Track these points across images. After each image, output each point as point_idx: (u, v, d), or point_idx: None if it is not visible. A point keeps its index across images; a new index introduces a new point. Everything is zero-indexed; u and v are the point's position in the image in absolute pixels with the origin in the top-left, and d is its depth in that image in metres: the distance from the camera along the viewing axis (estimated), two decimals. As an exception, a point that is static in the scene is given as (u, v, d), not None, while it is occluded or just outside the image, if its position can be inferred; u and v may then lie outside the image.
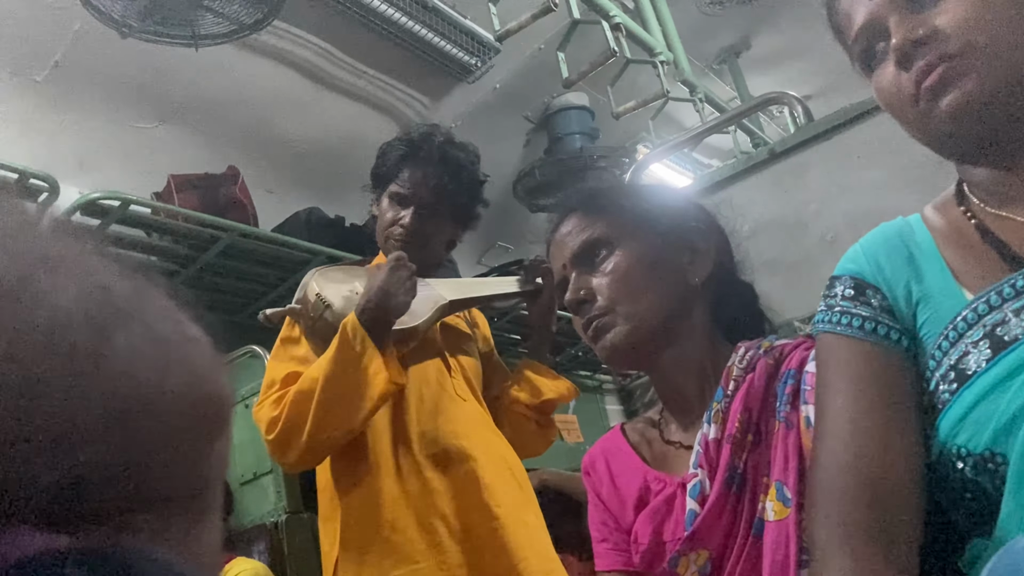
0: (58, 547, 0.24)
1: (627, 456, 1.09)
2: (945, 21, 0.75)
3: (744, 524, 0.91)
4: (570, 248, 1.10)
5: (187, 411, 0.28)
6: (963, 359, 0.74)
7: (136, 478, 0.27)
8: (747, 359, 0.99)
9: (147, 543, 0.26)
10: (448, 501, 1.50)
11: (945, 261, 0.81)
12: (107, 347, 0.25)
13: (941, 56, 0.75)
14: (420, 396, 1.57)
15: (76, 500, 0.25)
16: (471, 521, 1.50)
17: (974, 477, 0.72)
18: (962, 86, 0.74)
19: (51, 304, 0.24)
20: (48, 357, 0.23)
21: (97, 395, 0.25)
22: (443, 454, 1.53)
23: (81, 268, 0.26)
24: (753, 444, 0.94)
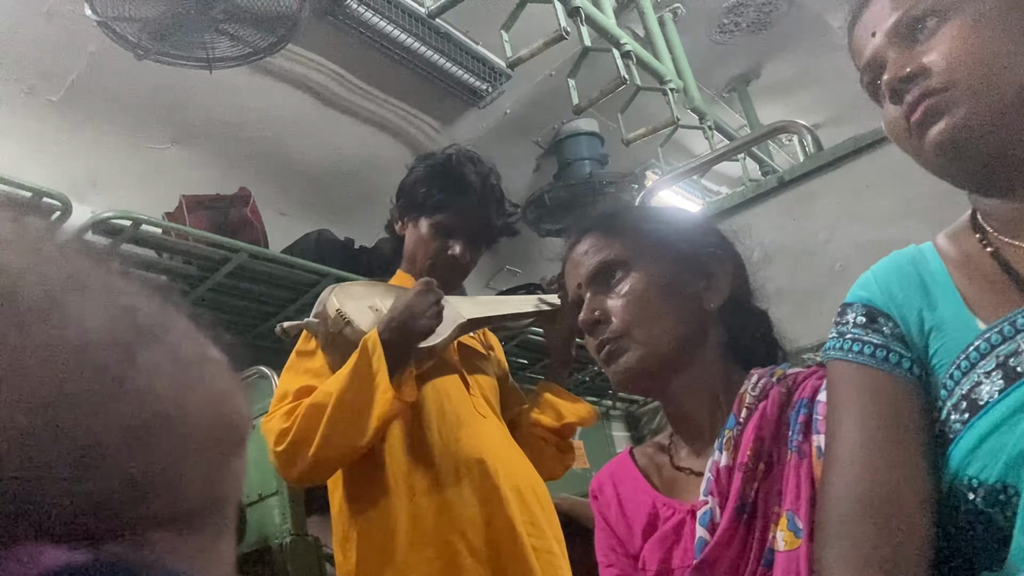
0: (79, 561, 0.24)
1: (636, 481, 1.08)
2: (932, 57, 0.77)
3: (754, 554, 0.91)
4: (586, 268, 1.10)
5: (206, 430, 0.29)
6: (975, 389, 0.74)
7: (156, 495, 0.27)
8: (760, 387, 0.98)
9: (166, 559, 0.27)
10: (468, 517, 1.48)
11: (958, 290, 0.81)
12: (132, 367, 0.26)
13: (925, 92, 0.77)
14: (442, 410, 1.56)
15: (97, 516, 0.25)
16: (493, 537, 1.47)
17: (985, 508, 0.71)
18: (946, 121, 0.76)
19: (79, 324, 0.24)
20: (76, 376, 0.24)
21: (121, 414, 0.25)
22: (465, 468, 1.51)
23: (108, 289, 0.27)
24: (765, 473, 0.93)
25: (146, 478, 0.26)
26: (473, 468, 1.51)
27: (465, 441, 1.53)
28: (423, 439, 1.53)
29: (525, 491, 1.55)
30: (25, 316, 0.23)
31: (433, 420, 1.54)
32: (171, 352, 0.28)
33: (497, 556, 1.46)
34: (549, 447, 1.70)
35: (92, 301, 0.25)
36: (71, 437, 0.24)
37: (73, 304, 0.25)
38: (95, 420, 0.24)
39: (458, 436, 1.54)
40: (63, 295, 0.24)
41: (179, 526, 0.28)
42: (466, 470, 1.51)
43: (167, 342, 0.28)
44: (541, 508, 1.57)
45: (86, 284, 0.26)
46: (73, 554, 0.24)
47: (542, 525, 1.53)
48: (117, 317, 0.26)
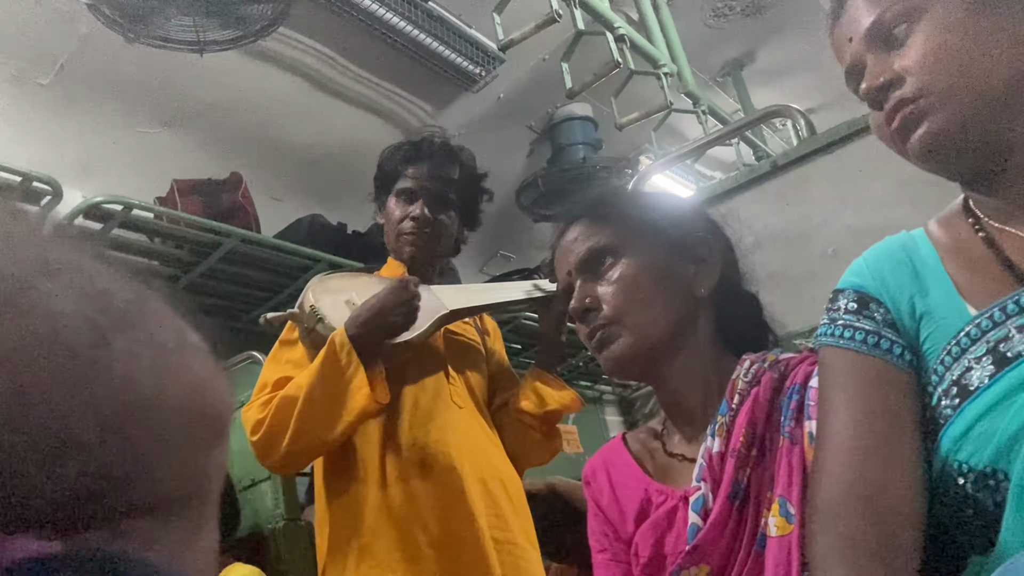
0: (51, 552, 0.23)
1: (628, 467, 1.08)
2: (905, 64, 0.78)
3: (746, 539, 0.91)
4: (576, 255, 1.09)
5: (185, 419, 0.28)
6: (966, 375, 0.74)
7: (133, 484, 0.26)
8: (752, 372, 0.98)
9: (142, 549, 0.26)
10: (430, 509, 1.49)
11: (949, 276, 0.81)
12: (106, 353, 0.25)
13: (899, 101, 0.78)
14: (415, 403, 1.57)
15: (71, 506, 0.25)
16: (451, 529, 1.48)
17: (975, 493, 0.72)
18: (924, 128, 0.77)
19: (50, 310, 0.24)
20: (47, 363, 0.23)
21: (96, 402, 0.25)
22: (430, 461, 1.52)
23: (81, 274, 0.26)
24: (757, 459, 0.93)
25: (122, 467, 0.26)
26: (438, 460, 1.52)
27: (434, 434, 1.54)
28: (393, 430, 1.54)
29: (491, 483, 1.56)
30: None
31: (405, 412, 1.55)
32: (148, 337, 0.27)
33: (456, 547, 1.47)
34: (534, 433, 1.69)
35: (64, 285, 0.25)
36: (43, 425, 0.23)
37: (44, 288, 0.24)
38: (68, 407, 0.24)
39: (427, 429, 1.54)
40: (33, 278, 0.24)
41: (158, 516, 0.28)
42: (431, 462, 1.52)
43: (144, 327, 0.27)
44: (509, 500, 1.57)
45: (58, 267, 0.25)
46: (44, 545, 0.23)
47: (507, 517, 1.54)
48: (91, 301, 0.25)
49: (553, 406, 1.68)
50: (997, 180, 0.79)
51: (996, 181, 0.80)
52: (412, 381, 1.58)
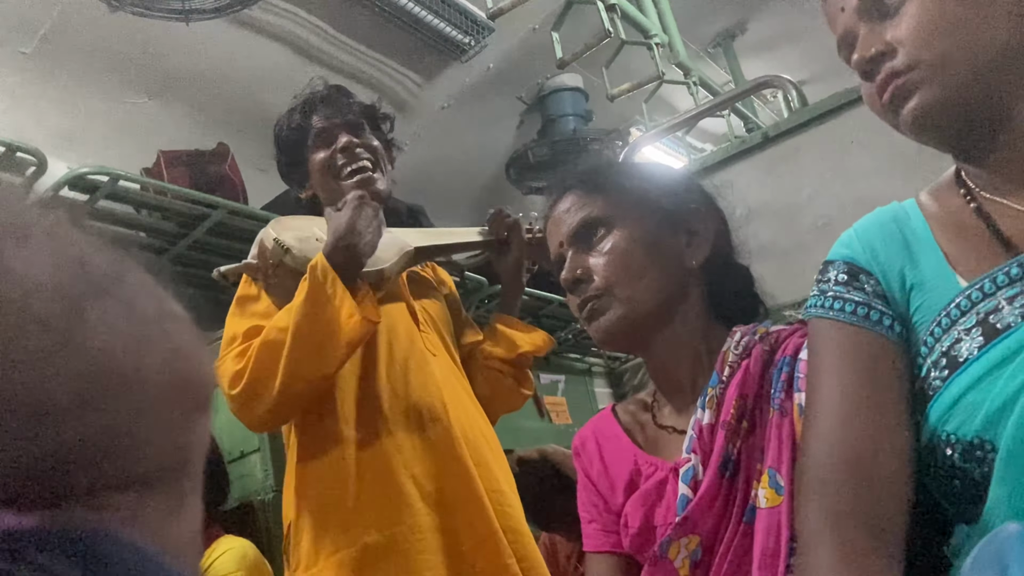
0: (24, 527, 0.23)
1: (618, 438, 1.08)
2: (897, 35, 0.77)
3: (736, 511, 0.91)
4: (568, 226, 1.09)
5: (165, 390, 0.27)
6: (955, 346, 0.74)
7: (111, 457, 0.26)
8: (743, 345, 0.98)
9: (122, 524, 0.26)
10: (420, 462, 1.43)
11: (940, 247, 0.81)
12: (81, 322, 0.24)
13: (892, 72, 0.77)
14: (390, 351, 1.51)
15: (48, 479, 0.24)
16: (445, 482, 1.44)
17: (962, 464, 0.72)
18: (916, 99, 0.76)
19: (21, 276, 0.23)
20: (18, 332, 0.23)
21: (70, 371, 0.24)
22: (415, 412, 1.46)
23: (54, 240, 0.25)
24: (747, 431, 0.94)
25: (100, 439, 0.25)
26: (424, 414, 1.47)
27: (415, 385, 1.49)
28: (372, 384, 1.48)
29: (472, 433, 1.51)
30: None
31: (381, 363, 1.49)
32: (125, 306, 0.26)
33: (451, 499, 1.43)
34: (506, 378, 1.67)
35: (35, 252, 0.24)
36: (15, 396, 0.22)
37: (15, 256, 0.23)
38: (41, 378, 0.23)
39: (407, 380, 1.49)
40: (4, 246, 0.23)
41: (139, 489, 0.27)
42: (416, 416, 1.46)
43: (120, 296, 0.26)
44: (490, 450, 1.54)
45: (31, 235, 0.24)
46: (20, 518, 0.23)
47: (491, 467, 1.50)
48: (64, 269, 0.25)
49: (524, 348, 1.66)
50: (989, 152, 0.79)
51: (988, 153, 0.79)
52: (383, 328, 1.52)
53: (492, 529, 1.42)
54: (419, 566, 1.37)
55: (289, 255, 1.41)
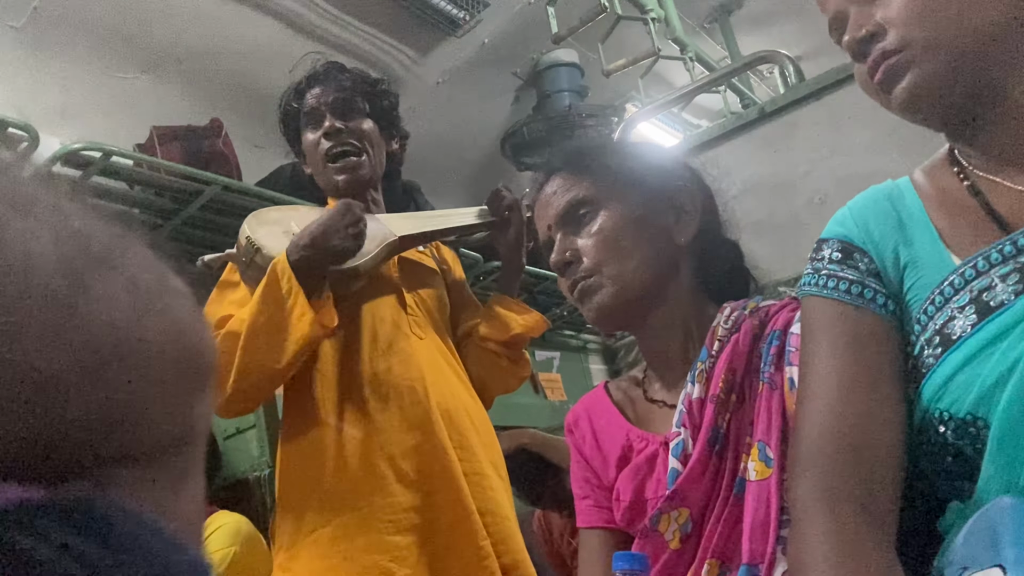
0: (33, 499, 0.23)
1: (610, 414, 1.09)
2: (888, 15, 0.77)
3: (726, 483, 0.92)
4: (555, 208, 1.09)
5: (168, 363, 0.27)
6: (948, 324, 0.75)
7: (114, 431, 0.26)
8: (732, 319, 0.99)
9: (127, 498, 0.26)
10: (396, 442, 1.43)
11: (934, 225, 0.81)
12: (83, 295, 0.24)
13: (883, 52, 0.77)
14: (374, 335, 1.51)
15: (52, 453, 0.24)
16: (422, 462, 1.44)
17: (955, 441, 0.73)
18: (907, 80, 0.76)
19: (23, 250, 0.23)
20: (21, 305, 0.23)
21: (73, 345, 0.24)
22: (394, 394, 1.47)
23: (56, 213, 0.25)
24: (736, 404, 0.94)
25: (104, 414, 0.25)
26: (403, 393, 1.47)
27: (396, 367, 1.49)
28: (353, 367, 1.49)
29: (456, 414, 1.51)
30: None
31: (364, 347, 1.50)
32: (128, 281, 0.26)
33: (427, 480, 1.43)
34: (501, 360, 1.66)
35: (38, 225, 0.24)
36: (19, 371, 0.23)
37: (17, 228, 0.23)
38: (45, 352, 0.23)
39: (389, 363, 1.49)
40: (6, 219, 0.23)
41: (143, 464, 0.27)
42: (395, 396, 1.47)
43: (123, 270, 0.26)
44: (475, 431, 1.53)
45: (32, 208, 0.24)
46: (26, 491, 0.23)
47: (473, 448, 1.50)
48: (67, 242, 0.25)
49: (517, 330, 1.65)
50: (981, 130, 0.79)
51: (980, 131, 0.79)
52: (368, 313, 1.53)
53: (468, 511, 1.43)
54: (392, 544, 1.38)
55: (259, 255, 1.42)
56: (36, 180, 0.26)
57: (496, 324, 1.66)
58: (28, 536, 0.21)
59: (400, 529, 1.40)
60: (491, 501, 1.48)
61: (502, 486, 1.54)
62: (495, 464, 1.55)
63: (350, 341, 1.50)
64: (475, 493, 1.45)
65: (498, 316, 1.67)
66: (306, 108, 1.65)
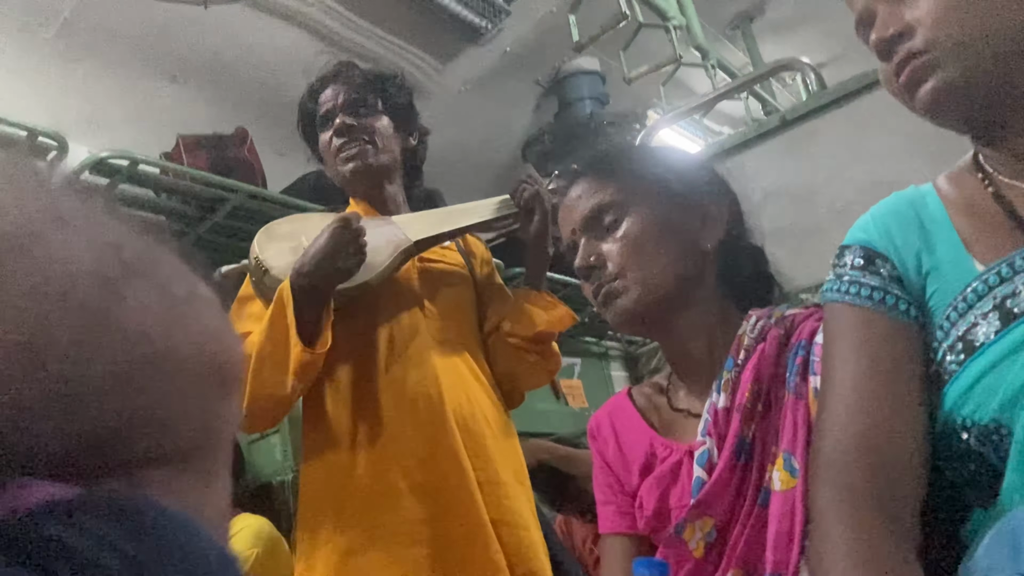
0: (69, 496, 0.24)
1: (634, 420, 1.09)
2: (917, 15, 0.76)
3: (751, 493, 0.92)
4: (579, 213, 1.09)
5: (197, 369, 0.28)
6: (971, 330, 0.74)
7: (145, 434, 0.27)
8: (758, 328, 0.98)
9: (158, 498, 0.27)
10: (410, 452, 1.42)
11: (957, 232, 0.81)
12: (118, 304, 0.25)
13: (909, 53, 0.77)
14: (390, 344, 1.49)
15: (87, 454, 0.25)
16: (436, 471, 1.41)
17: (978, 448, 0.72)
18: (932, 81, 0.76)
19: (62, 260, 0.24)
20: (60, 313, 0.24)
21: (108, 352, 0.25)
22: (409, 402, 1.45)
23: (92, 226, 0.26)
24: (762, 414, 0.94)
25: (136, 417, 0.26)
26: (418, 401, 1.45)
27: (412, 374, 1.47)
28: (370, 376, 1.47)
29: (473, 420, 1.49)
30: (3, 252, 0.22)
31: (381, 354, 1.48)
32: (159, 289, 0.27)
33: (441, 491, 1.41)
34: (529, 355, 1.61)
35: (76, 236, 0.25)
36: (56, 374, 0.23)
37: (56, 239, 0.24)
38: (81, 358, 0.24)
39: (405, 369, 1.47)
40: (45, 230, 0.24)
41: (172, 465, 0.28)
42: (411, 405, 1.45)
43: (155, 279, 0.27)
44: (493, 437, 1.50)
45: (69, 220, 0.25)
46: (63, 489, 0.24)
47: (490, 455, 1.47)
48: (102, 253, 0.26)
49: (542, 327, 1.60)
50: (1006, 135, 0.79)
51: (1005, 136, 0.79)
52: (386, 319, 1.51)
53: (481, 521, 1.40)
54: (403, 557, 1.37)
55: (267, 276, 1.42)
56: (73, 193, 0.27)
57: (522, 320, 1.61)
58: (70, 530, 0.22)
59: (414, 542, 1.38)
60: (507, 511, 1.45)
61: (522, 494, 1.51)
62: (515, 471, 1.52)
63: (367, 349, 1.49)
64: (490, 503, 1.43)
65: (524, 312, 1.62)
66: (321, 110, 1.66)
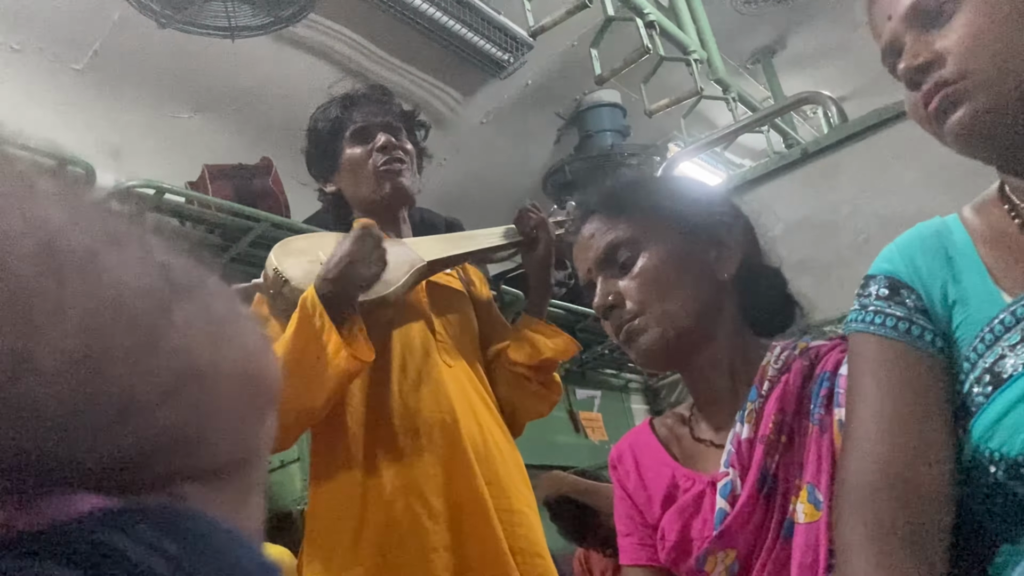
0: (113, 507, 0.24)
1: (655, 451, 1.08)
2: (947, 44, 0.76)
3: (774, 525, 0.91)
4: (594, 252, 1.08)
5: (239, 386, 0.29)
6: (999, 362, 0.74)
7: (186, 449, 0.27)
8: (782, 359, 0.98)
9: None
10: (428, 478, 1.41)
11: (983, 262, 0.81)
12: (167, 322, 0.26)
13: (939, 82, 0.76)
14: (403, 366, 1.49)
15: (130, 468, 0.26)
16: (454, 498, 1.41)
17: (1007, 482, 0.71)
18: (963, 111, 0.75)
19: (116, 280, 0.25)
20: (113, 330, 0.24)
21: (156, 368, 0.25)
22: (426, 428, 1.44)
23: (143, 246, 0.27)
24: (786, 445, 0.93)
25: (179, 432, 0.27)
26: (434, 427, 1.44)
27: (427, 398, 1.46)
28: (383, 399, 1.46)
29: (487, 447, 1.48)
30: (64, 269, 0.23)
31: (394, 378, 1.47)
32: (204, 308, 0.28)
33: (459, 518, 1.40)
34: (532, 384, 1.62)
35: (129, 256, 0.26)
36: (107, 390, 0.24)
37: (111, 259, 0.25)
38: (130, 374, 0.25)
39: (420, 394, 1.46)
40: (101, 249, 0.25)
41: (210, 480, 0.29)
42: (426, 429, 1.44)
43: (200, 298, 0.28)
44: (504, 464, 1.49)
45: (123, 240, 0.26)
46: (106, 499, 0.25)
47: (503, 484, 1.47)
48: (153, 272, 0.26)
49: (547, 355, 1.60)
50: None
51: None
52: (398, 342, 1.50)
53: (500, 549, 1.39)
54: None
55: (287, 287, 1.40)
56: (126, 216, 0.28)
57: (526, 348, 1.62)
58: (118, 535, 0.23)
59: (433, 569, 1.37)
60: (522, 539, 1.45)
61: (535, 521, 1.51)
62: (525, 497, 1.52)
63: (379, 373, 1.47)
64: (506, 531, 1.42)
65: (528, 339, 1.62)
66: (355, 124, 1.65)
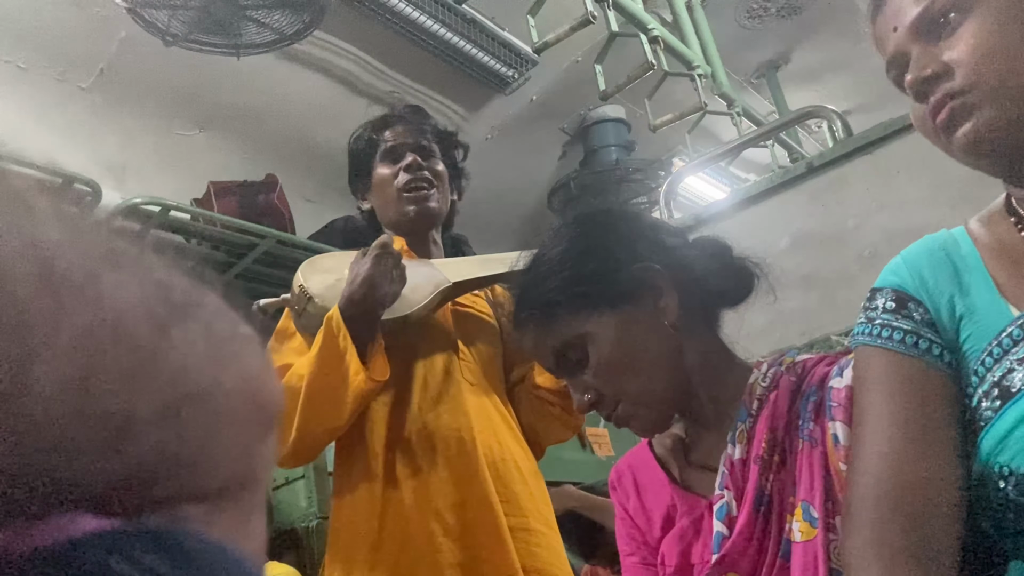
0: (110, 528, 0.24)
1: (654, 472, 1.07)
2: (954, 55, 0.76)
3: (772, 546, 0.90)
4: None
5: (239, 407, 0.29)
6: (1008, 376, 0.73)
7: (184, 470, 0.27)
8: (769, 376, 0.97)
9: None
10: (444, 497, 1.42)
11: (991, 275, 0.80)
12: (166, 342, 0.26)
13: (948, 93, 0.76)
14: (424, 385, 1.50)
15: (129, 489, 0.26)
16: (468, 516, 1.42)
17: (1017, 497, 0.71)
18: (971, 122, 0.75)
19: (114, 299, 0.25)
20: (111, 351, 0.24)
21: (155, 389, 0.25)
22: (443, 445, 1.45)
23: (142, 265, 0.27)
24: (779, 465, 0.92)
25: (178, 453, 0.26)
26: (451, 445, 1.45)
27: (445, 417, 1.47)
28: (403, 417, 1.48)
29: (504, 465, 1.48)
30: (61, 290, 0.23)
31: (415, 396, 1.49)
32: (204, 328, 0.28)
33: (473, 536, 1.41)
34: (554, 408, 1.60)
35: (127, 276, 0.26)
36: (104, 412, 0.24)
37: (109, 279, 0.25)
38: (129, 395, 0.24)
39: (438, 412, 1.48)
40: (99, 270, 0.25)
41: (209, 502, 0.28)
42: (444, 447, 1.45)
43: (200, 318, 0.28)
44: (523, 482, 1.49)
45: (121, 260, 0.26)
46: (104, 521, 0.24)
47: (520, 502, 1.46)
48: (151, 293, 0.26)
49: None
50: None
51: None
52: (421, 361, 1.52)
53: (513, 569, 1.39)
54: None
55: (312, 303, 1.43)
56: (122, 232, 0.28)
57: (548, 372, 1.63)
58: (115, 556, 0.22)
59: None
60: (537, 559, 1.44)
61: (553, 540, 1.50)
62: (545, 517, 1.51)
63: (401, 390, 1.49)
64: (521, 549, 1.42)
65: None
66: (386, 144, 1.68)
